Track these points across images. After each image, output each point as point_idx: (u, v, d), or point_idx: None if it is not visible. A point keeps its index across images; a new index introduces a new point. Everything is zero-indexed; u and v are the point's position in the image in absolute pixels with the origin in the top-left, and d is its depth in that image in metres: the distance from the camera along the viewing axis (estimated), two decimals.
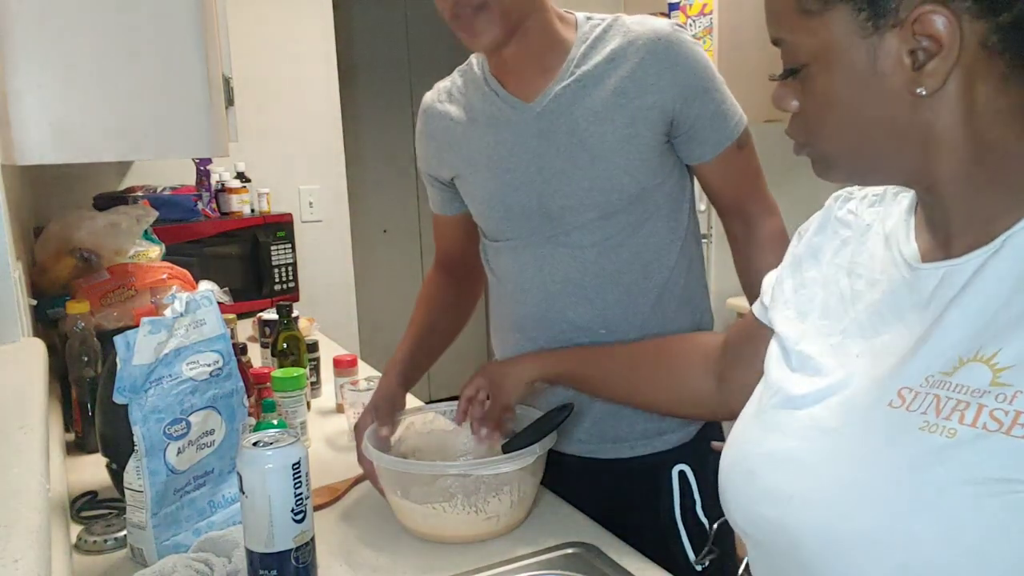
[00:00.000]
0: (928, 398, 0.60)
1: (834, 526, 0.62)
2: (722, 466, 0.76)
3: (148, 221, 1.86)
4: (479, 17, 1.12)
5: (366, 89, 4.26)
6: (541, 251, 1.24)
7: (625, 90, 1.16)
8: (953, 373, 0.59)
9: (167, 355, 1.04)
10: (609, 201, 1.19)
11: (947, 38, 0.58)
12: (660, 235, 1.22)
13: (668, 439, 1.27)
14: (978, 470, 0.55)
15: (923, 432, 0.58)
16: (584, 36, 1.20)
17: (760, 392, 0.77)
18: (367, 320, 3.58)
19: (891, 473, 0.59)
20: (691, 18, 2.62)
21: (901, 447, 0.59)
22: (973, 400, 0.57)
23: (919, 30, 0.59)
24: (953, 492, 0.55)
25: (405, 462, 1.16)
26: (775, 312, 0.81)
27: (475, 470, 1.10)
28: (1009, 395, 0.55)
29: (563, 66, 1.19)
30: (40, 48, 1.20)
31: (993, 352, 0.58)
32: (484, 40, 1.15)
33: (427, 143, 1.36)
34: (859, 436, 0.63)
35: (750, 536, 0.73)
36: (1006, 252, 0.61)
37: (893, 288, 0.69)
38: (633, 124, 1.16)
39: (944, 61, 0.59)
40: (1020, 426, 0.54)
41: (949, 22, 0.58)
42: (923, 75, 0.60)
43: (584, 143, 1.18)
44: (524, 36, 1.17)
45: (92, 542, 1.12)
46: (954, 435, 0.57)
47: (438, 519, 1.11)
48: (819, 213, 0.83)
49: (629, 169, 1.18)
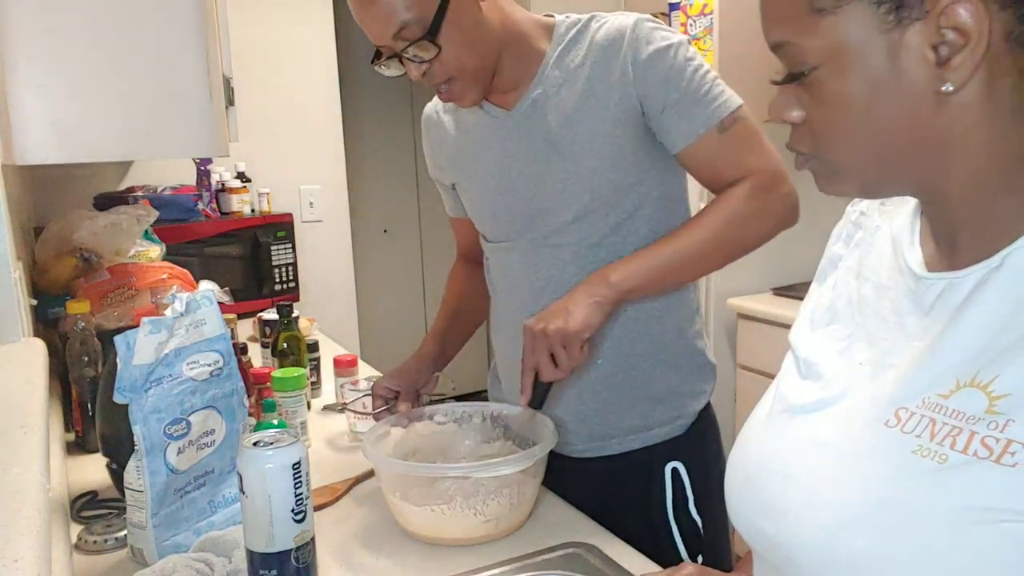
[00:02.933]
0: (924, 421, 0.59)
1: (825, 546, 0.61)
2: (728, 470, 0.76)
3: (148, 221, 1.86)
4: (452, 87, 1.17)
5: (366, 89, 4.26)
6: (526, 251, 1.27)
7: (593, 91, 1.17)
8: (950, 396, 0.58)
9: (167, 355, 1.04)
10: (581, 203, 1.20)
11: (975, 29, 0.55)
12: (642, 234, 1.22)
13: (656, 433, 1.28)
14: (966, 497, 0.54)
15: (915, 456, 0.58)
16: (559, 39, 1.21)
17: (769, 398, 0.76)
18: (367, 320, 3.58)
19: (882, 494, 0.59)
20: (691, 18, 2.62)
21: (893, 469, 0.59)
22: (966, 427, 0.56)
23: (944, 22, 0.55)
24: (940, 518, 0.55)
25: (404, 463, 1.16)
26: (794, 325, 0.80)
27: (474, 472, 1.10)
28: (1001, 423, 0.55)
29: (538, 72, 1.21)
30: (40, 48, 1.20)
31: (990, 379, 0.57)
32: (465, 103, 1.22)
33: (429, 151, 1.41)
34: (853, 453, 0.62)
35: (751, 546, 0.73)
36: (1007, 270, 0.59)
37: (897, 295, 0.68)
38: (603, 124, 1.17)
39: (972, 54, 0.55)
40: (1010, 455, 0.53)
41: (977, 12, 0.55)
42: (948, 70, 0.56)
43: (556, 146, 1.20)
44: (500, 66, 1.19)
45: (92, 542, 1.12)
46: (945, 461, 0.56)
47: (437, 521, 1.10)
48: (839, 223, 0.82)
49: (600, 170, 1.18)
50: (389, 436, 1.25)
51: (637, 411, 1.27)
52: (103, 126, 1.25)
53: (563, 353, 1.10)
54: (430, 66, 1.13)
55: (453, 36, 1.11)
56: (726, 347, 2.78)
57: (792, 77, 0.63)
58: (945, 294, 0.63)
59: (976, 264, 0.61)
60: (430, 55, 1.12)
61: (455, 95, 1.19)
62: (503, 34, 1.17)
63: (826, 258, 0.81)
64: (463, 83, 1.16)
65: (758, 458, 0.71)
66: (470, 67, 1.14)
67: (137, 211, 1.86)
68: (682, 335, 1.29)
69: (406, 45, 1.11)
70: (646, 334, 1.25)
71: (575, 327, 1.09)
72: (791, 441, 0.69)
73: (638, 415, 1.27)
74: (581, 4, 1.31)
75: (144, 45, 1.25)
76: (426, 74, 1.14)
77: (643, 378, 1.26)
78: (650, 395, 1.27)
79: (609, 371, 1.25)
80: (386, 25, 1.10)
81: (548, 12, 1.27)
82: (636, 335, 1.25)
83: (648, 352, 1.26)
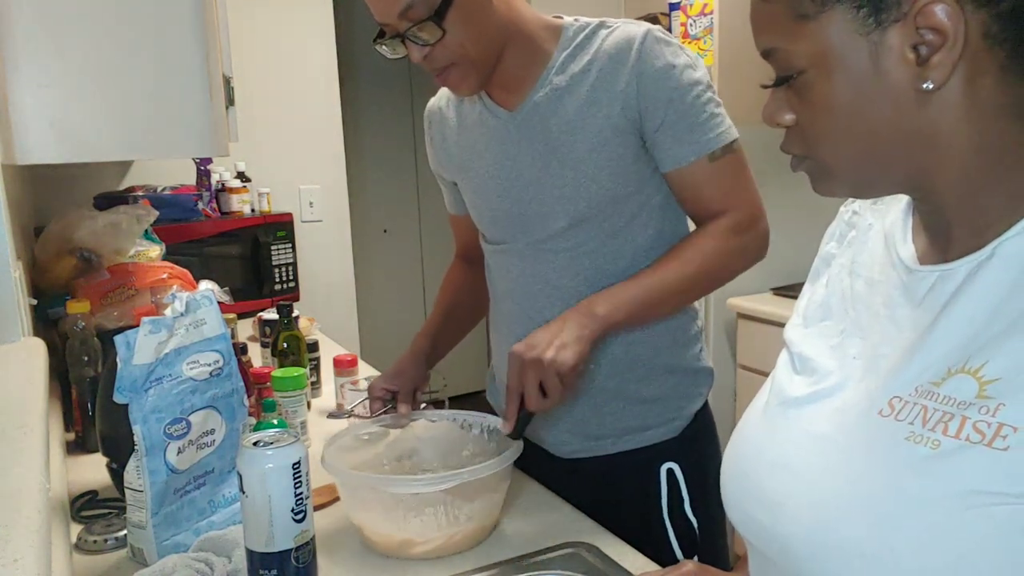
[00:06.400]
0: (916, 408, 0.59)
1: (820, 535, 0.62)
2: (723, 464, 0.77)
3: (148, 221, 1.86)
4: (451, 73, 1.16)
5: (366, 89, 4.26)
6: (524, 255, 1.27)
7: (597, 99, 1.17)
8: (941, 384, 0.59)
9: (167, 355, 1.04)
10: (578, 209, 1.20)
11: (951, 29, 0.57)
12: (638, 242, 1.22)
13: (652, 435, 1.27)
14: (959, 482, 0.55)
15: (909, 442, 0.58)
16: (566, 43, 1.20)
17: (765, 392, 0.77)
18: (367, 320, 3.58)
19: (876, 483, 0.59)
20: (691, 18, 2.62)
21: (887, 457, 0.59)
22: (958, 412, 0.57)
23: (922, 22, 0.58)
24: (934, 504, 0.55)
25: (350, 473, 1.13)
26: (788, 322, 0.81)
27: (391, 487, 1.07)
28: (992, 407, 0.55)
29: (542, 75, 1.20)
30: (40, 48, 1.20)
31: (980, 364, 0.57)
32: (462, 91, 1.21)
33: (431, 146, 1.41)
34: (847, 444, 0.63)
35: (746, 538, 0.73)
36: (998, 259, 0.60)
37: (889, 290, 0.69)
38: (603, 132, 1.17)
39: (949, 53, 0.58)
40: (1001, 438, 0.54)
41: (953, 12, 0.57)
42: (928, 69, 0.58)
43: (556, 152, 1.19)
44: (503, 61, 1.19)
45: (92, 542, 1.12)
46: (938, 447, 0.57)
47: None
48: (833, 223, 0.83)
49: (597, 177, 1.18)
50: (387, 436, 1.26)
51: (632, 413, 1.26)
52: (103, 126, 1.25)
53: (557, 384, 1.08)
54: (432, 49, 1.12)
55: (459, 21, 1.10)
56: (726, 347, 2.78)
57: (781, 81, 0.65)
58: (937, 286, 0.64)
59: (967, 256, 0.62)
60: (434, 38, 1.11)
61: (453, 82, 1.18)
62: (509, 28, 1.16)
63: (820, 257, 0.82)
64: (463, 70, 1.15)
65: (754, 450, 0.72)
66: (472, 54, 1.14)
67: (137, 211, 1.86)
68: (678, 340, 1.28)
69: (410, 26, 1.10)
70: (642, 340, 1.25)
71: (571, 361, 1.07)
72: (787, 433, 0.69)
73: (633, 417, 1.27)
74: (582, 5, 1.31)
75: (144, 45, 1.25)
76: (427, 57, 1.13)
77: (638, 382, 1.26)
78: (645, 398, 1.26)
79: (604, 375, 1.25)
80: (393, 2, 1.09)
81: (555, 13, 1.25)
82: (632, 340, 1.24)
83: (644, 357, 1.26)
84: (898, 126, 0.61)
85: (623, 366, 1.25)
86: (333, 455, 1.14)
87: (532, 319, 1.24)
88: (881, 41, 0.60)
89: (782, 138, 0.69)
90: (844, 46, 0.61)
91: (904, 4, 0.58)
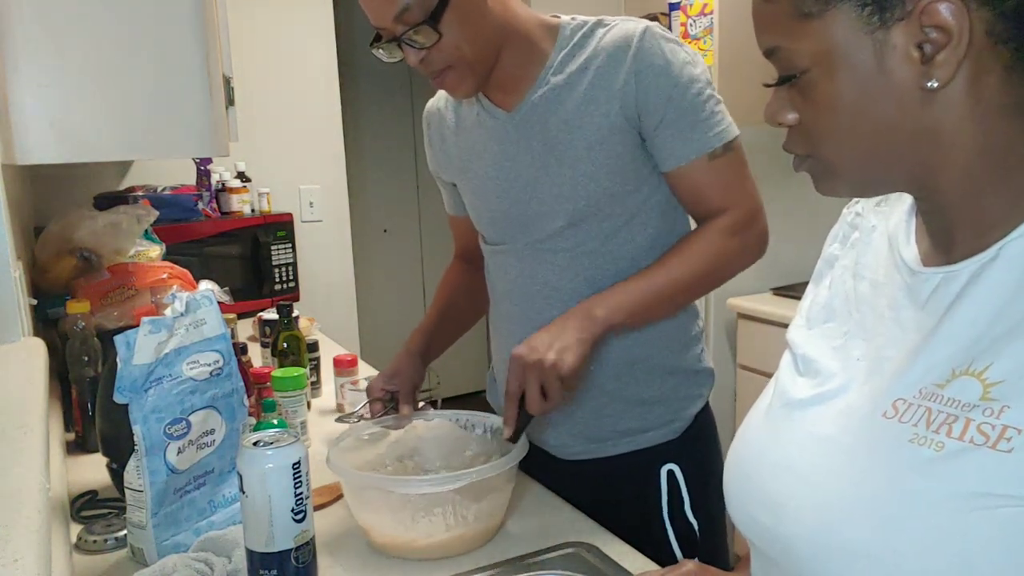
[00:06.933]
0: (920, 410, 0.59)
1: (824, 537, 0.61)
2: (727, 465, 0.76)
3: (148, 221, 1.86)
4: (448, 76, 1.16)
5: (366, 89, 4.26)
6: (523, 256, 1.26)
7: (595, 97, 1.16)
8: (946, 386, 0.59)
9: (167, 355, 1.04)
10: (577, 208, 1.19)
11: (956, 27, 0.57)
12: (638, 242, 1.22)
13: (652, 436, 1.27)
14: (963, 484, 0.55)
15: (912, 444, 0.58)
16: (564, 42, 1.20)
17: (768, 394, 0.77)
18: (367, 320, 3.58)
19: (879, 485, 0.59)
20: (691, 18, 2.62)
21: (890, 459, 0.59)
22: (962, 414, 0.57)
23: (927, 21, 0.57)
24: (938, 505, 0.55)
25: (356, 474, 1.13)
26: (791, 324, 0.81)
27: (409, 487, 1.07)
28: (996, 409, 0.55)
29: (540, 74, 1.20)
30: (40, 48, 1.20)
31: (984, 366, 0.57)
32: (459, 94, 1.21)
33: (430, 148, 1.41)
34: (851, 446, 0.63)
35: (749, 539, 0.73)
36: (1002, 261, 0.60)
37: (893, 291, 0.69)
38: (601, 131, 1.16)
39: (954, 51, 0.57)
40: (1006, 440, 0.54)
41: (957, 10, 0.56)
42: (933, 67, 0.58)
43: (554, 151, 1.19)
44: (500, 62, 1.18)
45: (92, 542, 1.12)
46: (941, 449, 0.56)
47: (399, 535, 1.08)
48: (836, 225, 0.82)
49: (596, 176, 1.18)
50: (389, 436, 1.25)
51: (632, 415, 1.26)
52: (103, 126, 1.25)
53: (558, 387, 1.08)
54: (428, 53, 1.12)
55: (454, 24, 1.10)
56: (726, 347, 2.78)
57: (784, 80, 0.65)
58: (940, 288, 0.64)
59: (971, 257, 0.62)
60: (430, 41, 1.11)
61: (450, 85, 1.18)
62: (505, 28, 1.16)
63: (822, 259, 0.82)
64: (459, 73, 1.15)
65: (757, 452, 0.72)
66: (469, 57, 1.13)
67: (137, 211, 1.86)
68: (679, 341, 1.28)
69: (406, 29, 1.10)
70: (643, 341, 1.25)
71: (572, 363, 1.08)
72: (790, 435, 0.69)
73: (633, 419, 1.26)
74: (582, 5, 1.31)
75: (144, 45, 1.25)
76: (424, 60, 1.13)
77: (639, 384, 1.26)
78: (645, 400, 1.26)
79: (605, 376, 1.25)
80: (388, 6, 1.08)
81: (554, 12, 1.25)
82: (632, 342, 1.24)
83: (644, 358, 1.25)
84: (902, 125, 0.61)
85: (623, 367, 1.25)
86: (337, 456, 1.14)
87: (532, 320, 1.24)
88: (885, 39, 0.59)
89: (782, 138, 0.68)
90: (848, 45, 0.60)
91: (908, 2, 0.58)
